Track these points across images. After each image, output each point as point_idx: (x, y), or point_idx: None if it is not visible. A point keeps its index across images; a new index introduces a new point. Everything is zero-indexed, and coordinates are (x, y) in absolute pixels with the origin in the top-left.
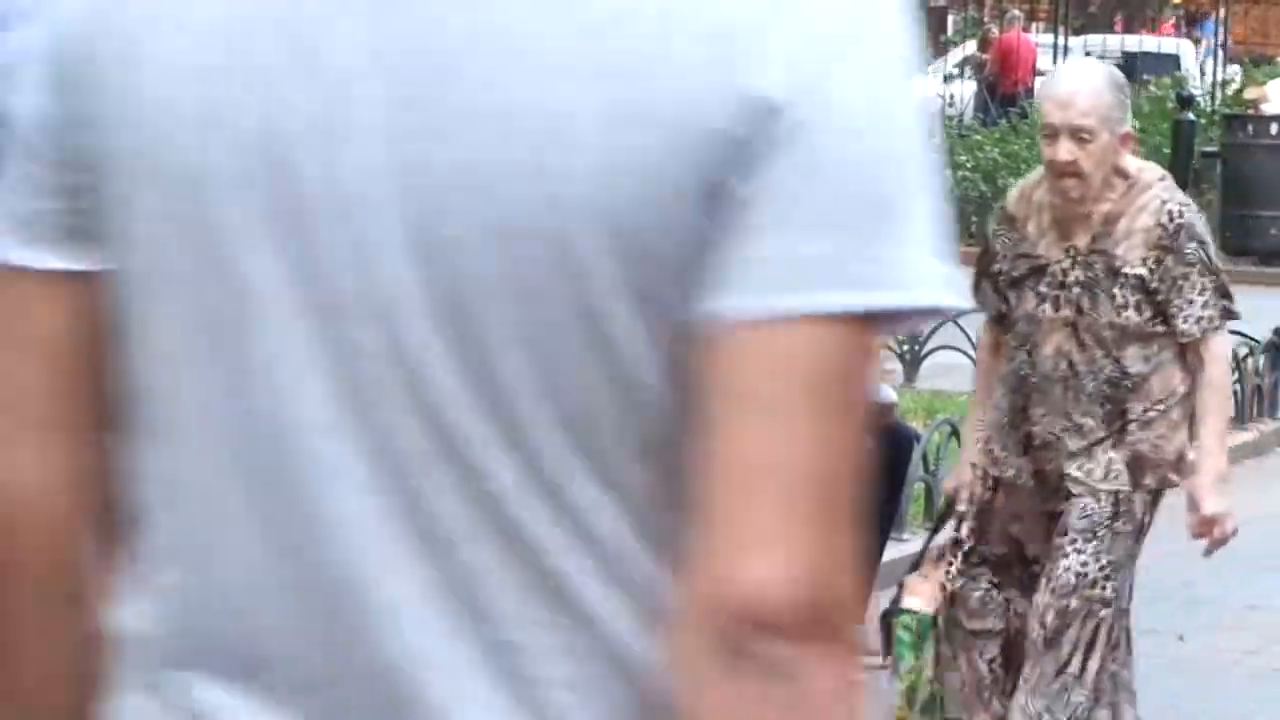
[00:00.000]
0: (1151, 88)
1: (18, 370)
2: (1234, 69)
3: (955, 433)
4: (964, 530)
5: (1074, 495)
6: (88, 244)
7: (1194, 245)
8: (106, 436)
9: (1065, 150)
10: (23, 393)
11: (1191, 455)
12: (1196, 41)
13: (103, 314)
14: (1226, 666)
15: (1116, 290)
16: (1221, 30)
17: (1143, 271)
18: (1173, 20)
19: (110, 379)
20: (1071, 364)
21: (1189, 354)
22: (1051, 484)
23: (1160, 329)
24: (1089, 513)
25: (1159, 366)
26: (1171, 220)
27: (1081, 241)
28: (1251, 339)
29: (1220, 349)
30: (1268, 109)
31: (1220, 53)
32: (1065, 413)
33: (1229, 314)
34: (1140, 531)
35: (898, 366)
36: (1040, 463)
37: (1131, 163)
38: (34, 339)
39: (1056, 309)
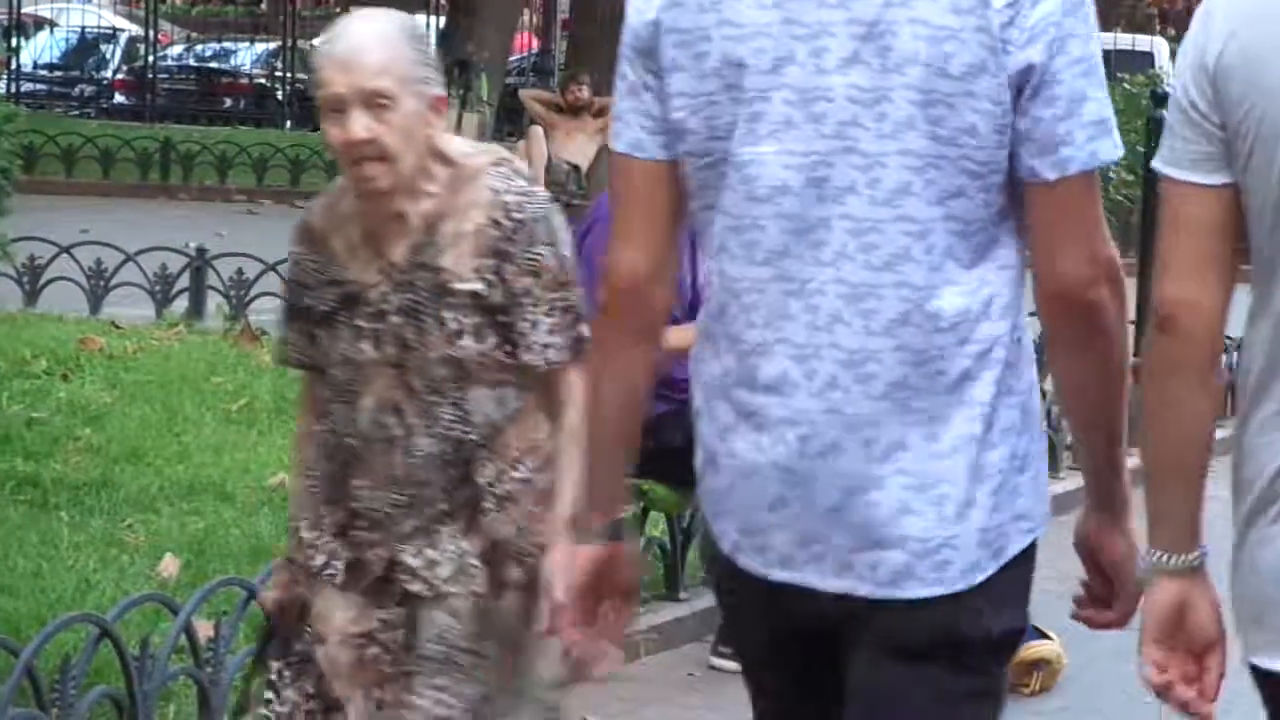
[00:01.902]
0: (1126, 85)
1: (1184, 241)
2: None
3: None
4: (287, 662)
5: (419, 599)
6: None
7: (540, 249)
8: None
9: (359, 125)
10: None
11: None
12: (1171, 39)
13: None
14: None
15: (448, 314)
16: None
17: (478, 286)
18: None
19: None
20: (401, 417)
21: (545, 392)
22: (380, 577)
23: (512, 362)
24: (446, 637)
25: (517, 414)
26: (509, 216)
27: (399, 255)
28: (1226, 336)
29: (576, 387)
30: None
31: None
32: (395, 481)
33: (582, 345)
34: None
35: None
36: (365, 549)
37: (455, 143)
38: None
39: (377, 347)
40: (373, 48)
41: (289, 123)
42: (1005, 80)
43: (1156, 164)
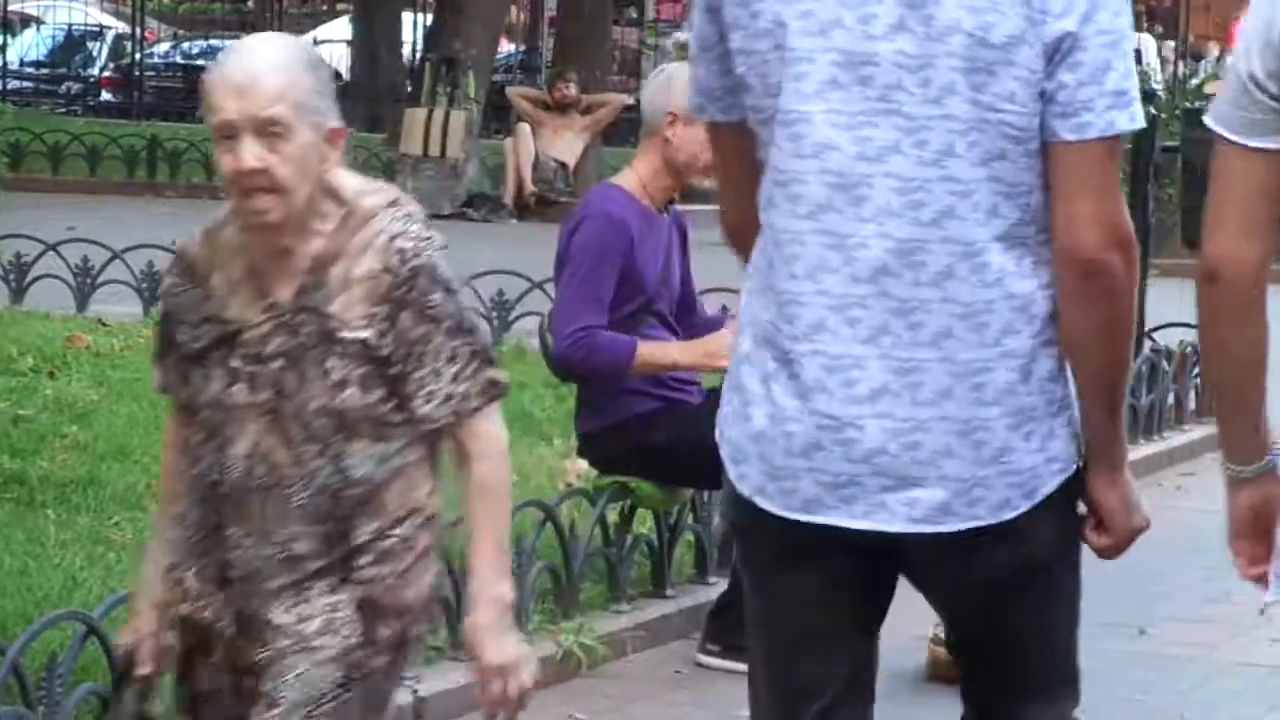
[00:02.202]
0: None
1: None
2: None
3: None
4: (154, 707)
5: (284, 652)
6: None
7: (439, 295)
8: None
9: (251, 154)
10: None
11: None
12: (1159, 36)
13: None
14: (1187, 660)
15: (332, 362)
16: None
17: (368, 335)
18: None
19: None
20: (275, 467)
21: (453, 447)
22: (256, 632)
23: (398, 416)
24: (309, 684)
25: (400, 471)
26: (404, 262)
27: (285, 295)
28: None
29: (490, 436)
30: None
31: (1182, 47)
32: (268, 534)
33: (495, 389)
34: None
35: None
36: (241, 602)
37: (348, 180)
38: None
39: (253, 391)
40: (269, 73)
41: None
42: (1041, 49)
43: (1209, 120)
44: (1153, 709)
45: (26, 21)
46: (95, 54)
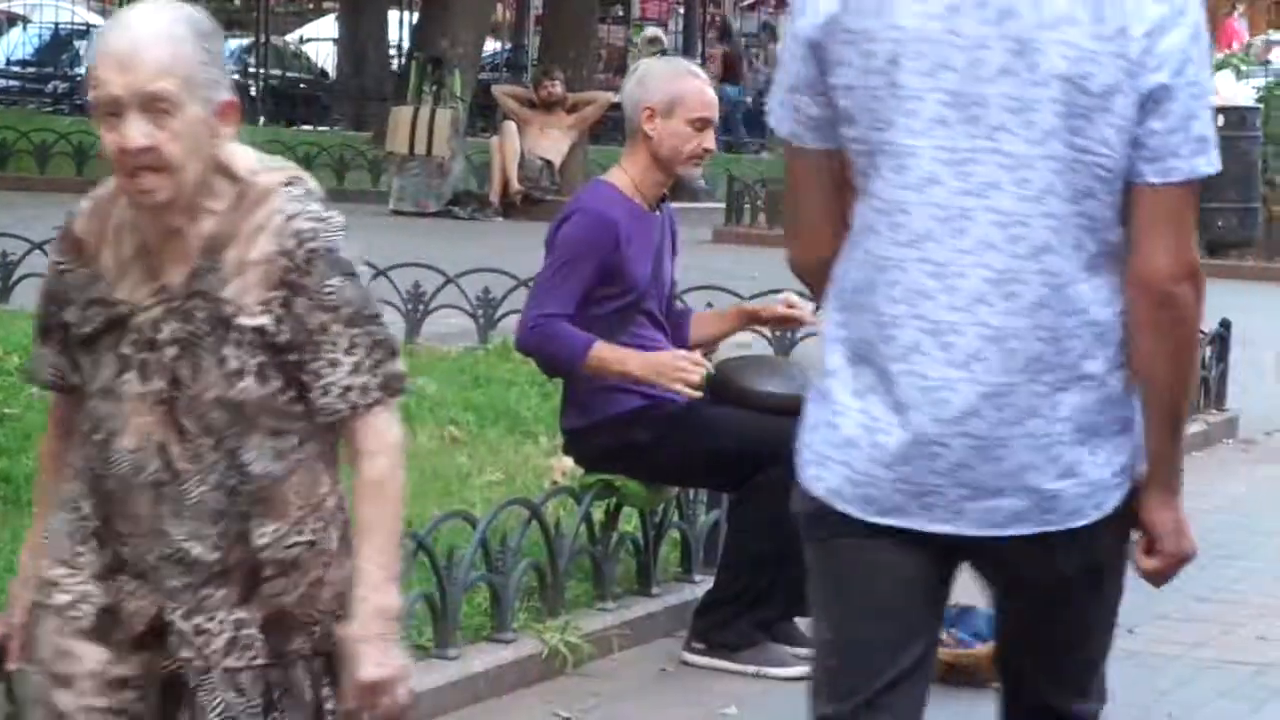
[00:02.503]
0: None
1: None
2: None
3: None
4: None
5: (192, 668)
6: None
7: (337, 280)
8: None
9: (137, 131)
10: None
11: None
12: None
13: None
14: (1174, 658)
15: (228, 350)
16: None
17: (264, 321)
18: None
19: None
20: (168, 461)
21: (346, 441)
22: (145, 633)
23: (299, 408)
24: (228, 713)
25: (300, 466)
26: (301, 244)
27: (177, 278)
28: (1198, 331)
29: (387, 432)
30: (1213, 101)
31: None
32: (162, 533)
33: (395, 383)
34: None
35: None
36: (127, 599)
37: (242, 157)
38: None
39: (145, 380)
40: (154, 45)
41: (262, 119)
42: (1136, 99)
43: None
44: (1139, 707)
45: (13, 20)
46: (82, 53)
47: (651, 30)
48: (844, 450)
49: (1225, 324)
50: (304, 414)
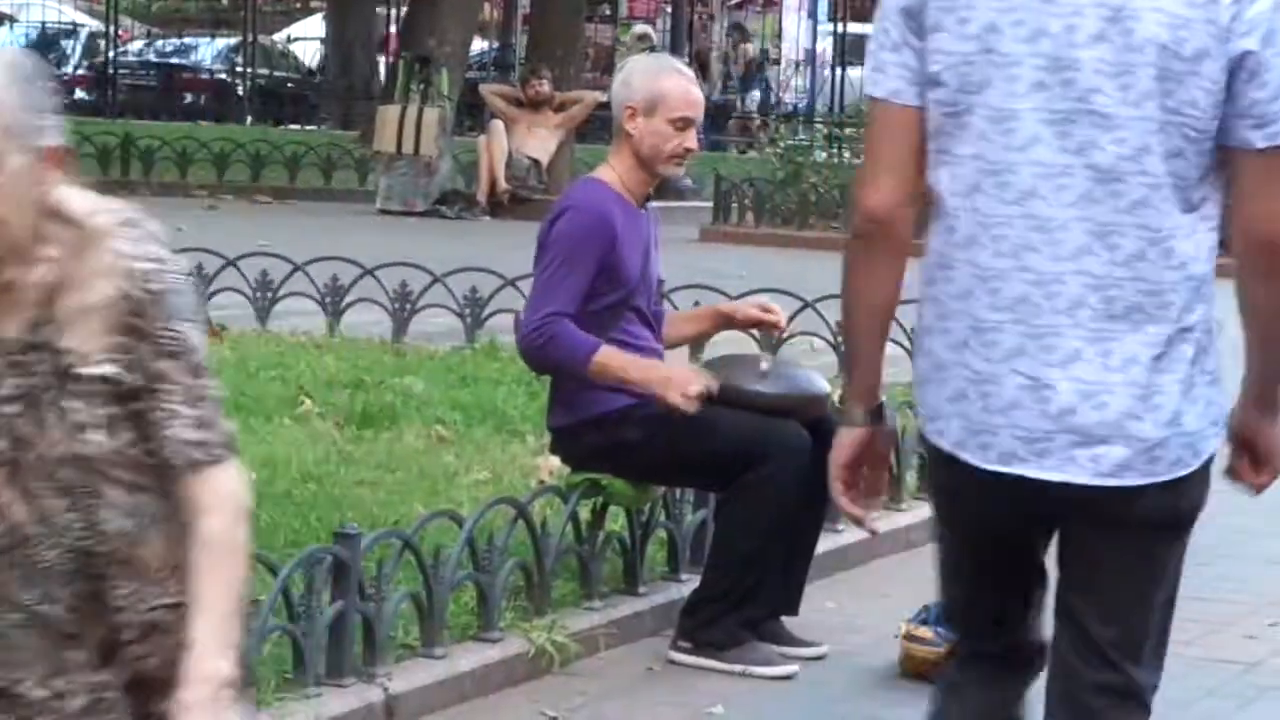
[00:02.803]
0: None
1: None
2: None
3: None
4: None
5: None
6: None
7: (180, 327)
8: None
9: None
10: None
11: None
12: None
13: None
14: None
15: (72, 404)
16: None
17: (109, 370)
18: None
19: None
20: (14, 526)
21: (185, 497)
22: (6, 706)
23: (153, 460)
24: None
25: (158, 522)
26: (142, 286)
27: (13, 332)
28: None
29: (226, 489)
30: None
31: None
32: (10, 599)
33: (234, 441)
34: None
35: (833, 358)
36: None
37: (76, 199)
38: None
39: None
40: None
41: (249, 118)
42: (1224, 63)
43: None
44: None
45: (0, 20)
46: (69, 52)
47: (641, 27)
48: (957, 403)
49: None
50: (158, 466)
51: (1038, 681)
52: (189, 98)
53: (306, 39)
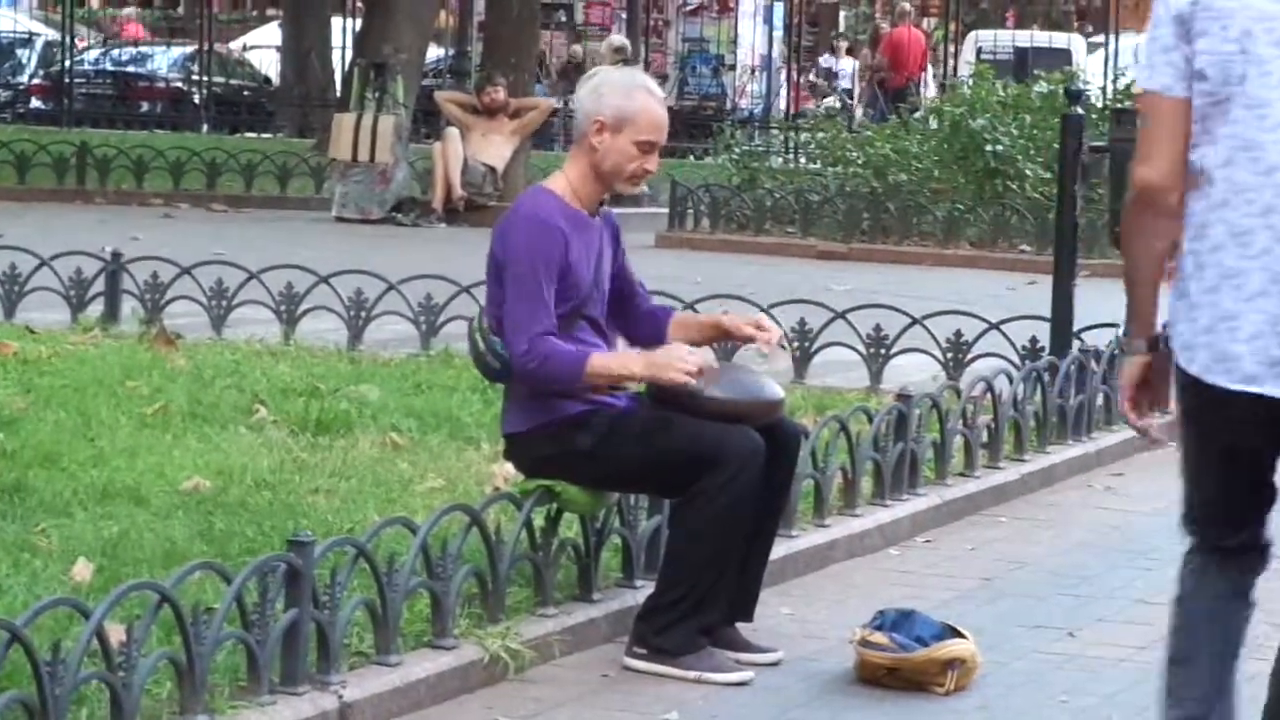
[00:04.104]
0: (1043, 82)
1: None
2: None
3: (844, 429)
4: None
5: None
6: None
7: None
8: None
9: None
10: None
11: None
12: (1088, 35)
13: None
14: (1117, 661)
15: None
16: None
17: None
18: None
19: None
20: None
21: None
22: None
23: None
24: None
25: None
26: None
27: None
28: None
29: None
30: None
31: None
32: None
33: None
34: None
35: (788, 363)
36: None
37: None
38: None
39: None
40: None
41: (205, 126)
42: None
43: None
44: (1081, 710)
45: None
46: (25, 61)
47: (619, 39)
48: (1208, 334)
49: (1165, 326)
50: None
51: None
52: (145, 106)
53: (262, 47)
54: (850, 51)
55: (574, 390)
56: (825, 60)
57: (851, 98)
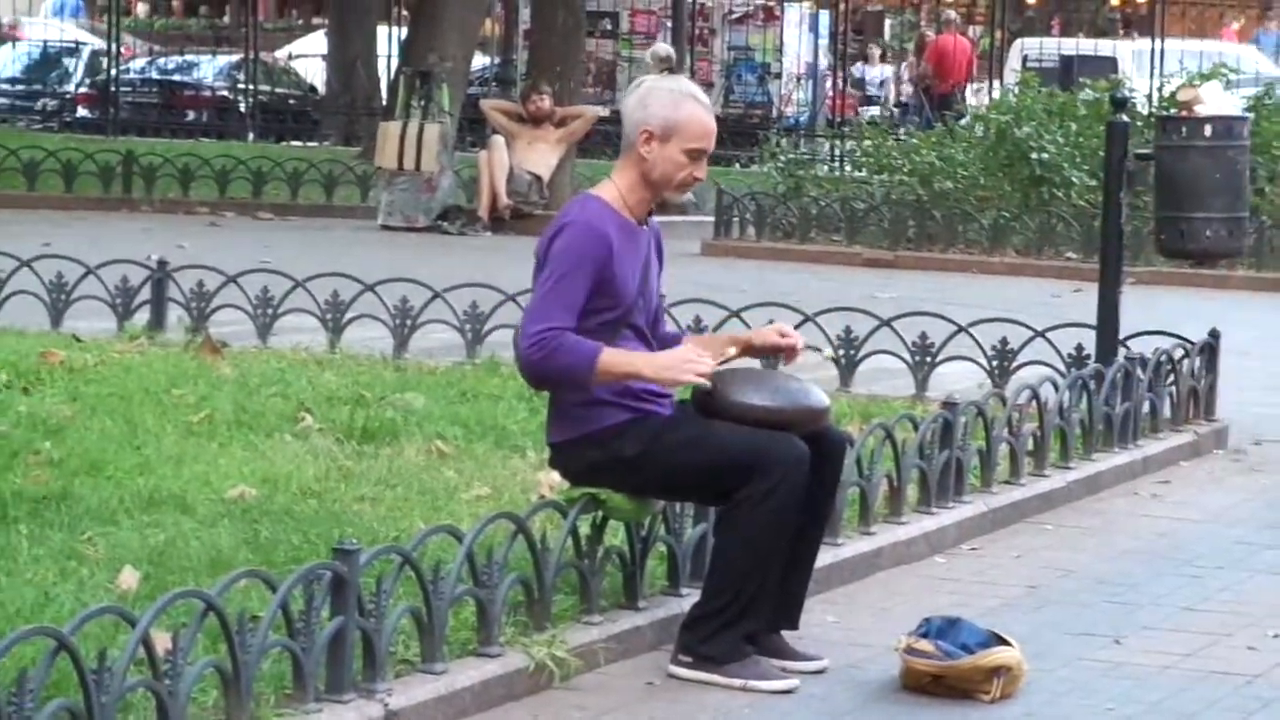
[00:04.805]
0: (1088, 90)
1: None
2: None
3: (890, 437)
4: None
5: None
6: None
7: None
8: None
9: None
10: None
11: None
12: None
13: None
14: (1163, 669)
15: None
16: (1157, 31)
17: None
18: (1236, 26)
19: None
20: None
21: None
22: None
23: None
24: None
25: None
26: None
27: None
28: (1187, 341)
29: None
30: (1201, 110)
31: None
32: None
33: None
34: None
35: (834, 371)
36: None
37: None
38: None
39: None
40: None
41: (251, 135)
42: None
43: None
44: (1127, 718)
45: (3, 39)
46: (71, 70)
47: (664, 48)
48: None
49: (1214, 334)
50: None
51: None
52: (191, 115)
53: (308, 56)
54: (883, 58)
55: (588, 388)
56: (858, 70)
57: (877, 104)
